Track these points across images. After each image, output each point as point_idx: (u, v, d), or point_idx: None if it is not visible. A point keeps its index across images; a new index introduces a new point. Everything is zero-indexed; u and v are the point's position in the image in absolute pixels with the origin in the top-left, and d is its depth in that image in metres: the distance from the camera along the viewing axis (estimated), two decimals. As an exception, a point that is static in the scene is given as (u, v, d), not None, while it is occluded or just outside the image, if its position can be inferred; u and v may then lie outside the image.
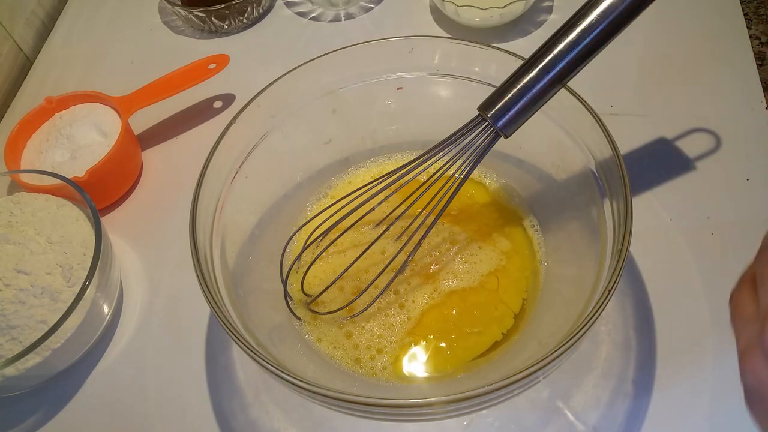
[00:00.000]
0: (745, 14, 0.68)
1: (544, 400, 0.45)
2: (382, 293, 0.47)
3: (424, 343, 0.46)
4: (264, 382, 0.48)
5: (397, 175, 0.44)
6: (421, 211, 0.45)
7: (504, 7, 0.65)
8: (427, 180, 0.43)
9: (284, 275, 0.48)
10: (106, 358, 0.51)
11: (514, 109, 0.38)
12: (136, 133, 0.65)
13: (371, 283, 0.46)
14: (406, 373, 0.45)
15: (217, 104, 0.68)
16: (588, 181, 0.44)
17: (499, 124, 0.38)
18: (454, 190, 0.42)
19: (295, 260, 0.51)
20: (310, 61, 0.49)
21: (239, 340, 0.36)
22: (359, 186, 0.46)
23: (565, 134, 0.46)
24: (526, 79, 0.37)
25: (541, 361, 0.33)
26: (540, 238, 0.51)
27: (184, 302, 0.53)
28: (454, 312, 0.47)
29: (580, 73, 0.37)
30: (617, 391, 0.45)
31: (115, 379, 0.50)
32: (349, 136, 0.56)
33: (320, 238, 0.50)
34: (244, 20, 0.75)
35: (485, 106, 0.39)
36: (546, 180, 0.51)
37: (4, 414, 0.49)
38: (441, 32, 0.72)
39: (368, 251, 0.46)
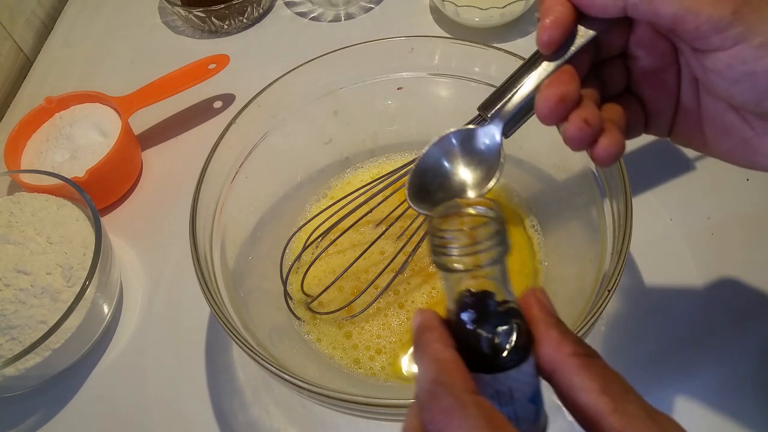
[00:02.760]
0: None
1: (544, 400, 0.45)
2: (381, 294, 0.47)
3: (424, 343, 0.46)
4: (264, 382, 0.48)
5: (397, 175, 0.44)
6: (421, 211, 0.45)
7: (504, 7, 0.65)
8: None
9: (284, 275, 0.48)
10: (106, 358, 0.51)
11: (515, 109, 0.38)
12: (136, 133, 0.65)
13: (371, 284, 0.46)
14: (406, 373, 0.45)
15: (217, 104, 0.68)
16: (588, 181, 0.44)
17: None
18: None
19: (295, 260, 0.51)
20: (310, 61, 0.49)
21: (239, 340, 0.36)
22: (359, 186, 0.46)
23: (565, 134, 0.46)
24: (526, 79, 0.37)
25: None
26: (540, 238, 0.51)
27: (184, 302, 0.53)
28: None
29: (580, 73, 0.37)
30: (617, 391, 0.45)
31: (115, 379, 0.50)
32: (349, 137, 0.56)
33: (320, 238, 0.50)
34: (244, 20, 0.75)
35: (485, 106, 0.39)
36: (546, 180, 0.51)
37: (4, 414, 0.49)
38: (441, 32, 0.72)
39: (368, 251, 0.46)
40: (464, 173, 0.35)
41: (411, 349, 0.25)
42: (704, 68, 0.28)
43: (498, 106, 0.37)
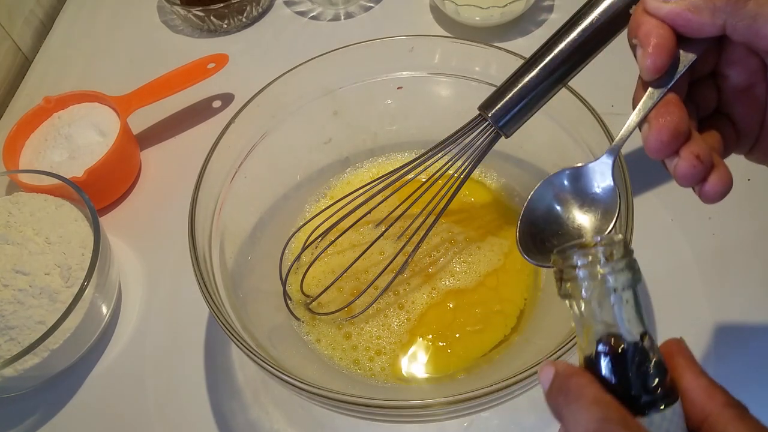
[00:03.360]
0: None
1: (546, 401, 0.45)
2: (381, 294, 0.47)
3: (424, 343, 0.46)
4: (263, 383, 0.48)
5: (397, 175, 0.43)
6: (421, 212, 0.45)
7: (504, 6, 0.65)
8: (427, 180, 0.43)
9: (283, 276, 0.48)
10: (104, 359, 0.51)
11: (515, 109, 0.37)
12: (134, 133, 0.64)
13: (370, 285, 0.46)
14: (405, 375, 0.45)
15: (216, 104, 0.68)
16: (589, 181, 0.44)
17: (500, 123, 0.38)
18: (455, 190, 0.42)
19: (294, 261, 0.51)
20: (309, 60, 0.49)
21: (238, 340, 0.36)
22: (359, 186, 0.45)
23: (566, 134, 0.46)
24: (526, 79, 0.37)
25: (542, 361, 0.33)
26: (540, 238, 0.51)
27: (183, 303, 0.53)
28: (454, 311, 0.47)
29: (581, 72, 0.37)
30: (618, 392, 0.45)
31: (113, 379, 0.50)
32: (349, 136, 0.56)
33: (320, 238, 0.49)
34: (244, 19, 0.75)
35: (486, 106, 0.39)
36: (547, 180, 0.51)
37: (3, 415, 0.49)
38: (441, 31, 0.72)
39: (367, 252, 0.46)
40: (578, 215, 0.33)
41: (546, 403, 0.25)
42: None
43: (500, 106, 0.37)
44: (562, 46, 0.36)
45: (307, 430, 0.46)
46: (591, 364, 0.24)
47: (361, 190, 0.45)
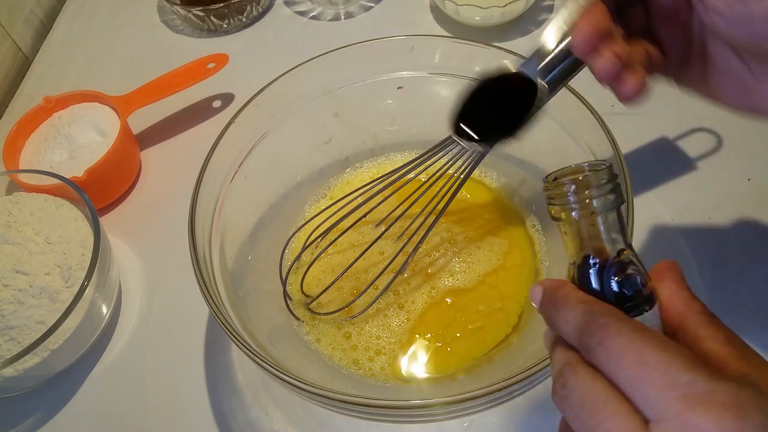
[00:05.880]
0: (747, 13, 0.68)
1: (545, 401, 0.45)
2: (381, 294, 0.47)
3: (424, 343, 0.46)
4: (263, 383, 0.48)
5: (397, 175, 0.43)
6: (421, 211, 0.45)
7: (504, 5, 0.65)
8: (427, 180, 0.43)
9: (283, 275, 0.48)
10: (104, 359, 0.51)
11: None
12: (134, 133, 0.64)
13: (370, 285, 0.46)
14: (405, 374, 0.45)
15: (216, 104, 0.68)
16: (589, 181, 0.44)
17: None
18: (455, 190, 0.42)
19: (295, 260, 0.51)
20: (309, 60, 0.49)
21: (238, 340, 0.36)
22: (359, 186, 0.45)
23: (567, 134, 0.46)
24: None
25: (542, 361, 0.33)
26: (541, 237, 0.51)
27: (183, 303, 0.53)
28: (454, 311, 0.47)
29: (581, 72, 0.37)
30: (618, 392, 0.45)
31: (113, 379, 0.50)
32: (349, 136, 0.56)
33: (320, 238, 0.49)
34: (244, 19, 0.75)
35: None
36: (547, 180, 0.51)
37: (2, 415, 0.49)
38: (441, 31, 0.72)
39: (367, 252, 0.46)
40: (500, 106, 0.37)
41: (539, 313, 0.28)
42: (706, 8, 0.30)
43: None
44: (562, 45, 0.35)
45: (307, 430, 0.46)
46: (579, 273, 0.27)
47: (361, 190, 0.45)
